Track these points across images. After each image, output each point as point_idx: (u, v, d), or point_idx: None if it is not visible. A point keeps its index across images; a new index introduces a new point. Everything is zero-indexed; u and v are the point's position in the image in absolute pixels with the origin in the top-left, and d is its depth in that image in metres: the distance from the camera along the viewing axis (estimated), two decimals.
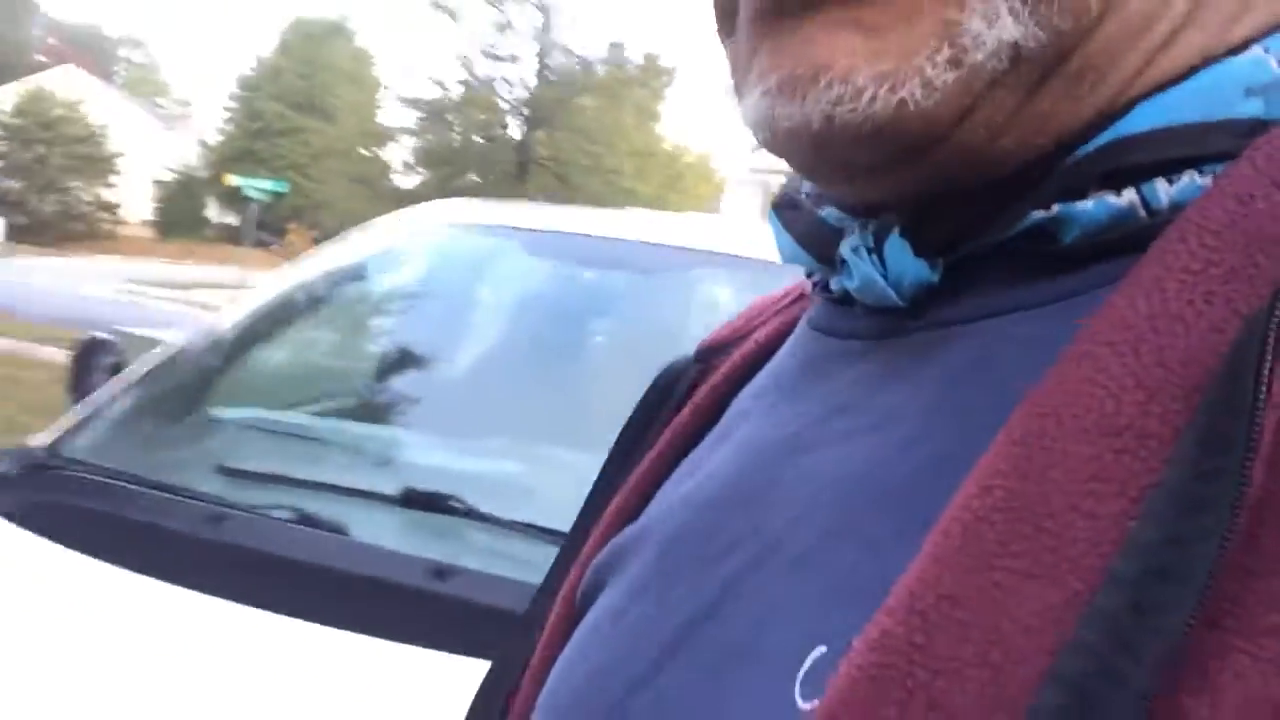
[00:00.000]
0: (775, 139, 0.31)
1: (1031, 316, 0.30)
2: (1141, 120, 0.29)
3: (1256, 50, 0.29)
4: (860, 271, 0.33)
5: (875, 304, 0.34)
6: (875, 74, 0.28)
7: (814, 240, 0.36)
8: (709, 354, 0.48)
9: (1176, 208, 0.28)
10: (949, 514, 0.25)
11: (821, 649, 0.27)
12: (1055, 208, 0.29)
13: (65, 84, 29.48)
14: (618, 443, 0.48)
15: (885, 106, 0.28)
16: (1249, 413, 0.22)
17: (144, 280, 16.40)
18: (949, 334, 0.31)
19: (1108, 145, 0.29)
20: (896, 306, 0.33)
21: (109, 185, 28.62)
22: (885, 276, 0.33)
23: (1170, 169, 0.29)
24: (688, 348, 0.49)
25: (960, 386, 0.30)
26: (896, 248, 0.32)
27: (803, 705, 0.27)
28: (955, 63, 0.28)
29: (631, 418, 0.49)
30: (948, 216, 0.32)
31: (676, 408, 0.46)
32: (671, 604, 0.34)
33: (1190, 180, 0.28)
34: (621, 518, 0.42)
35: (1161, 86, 0.29)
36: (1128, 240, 0.28)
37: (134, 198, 29.36)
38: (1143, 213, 0.29)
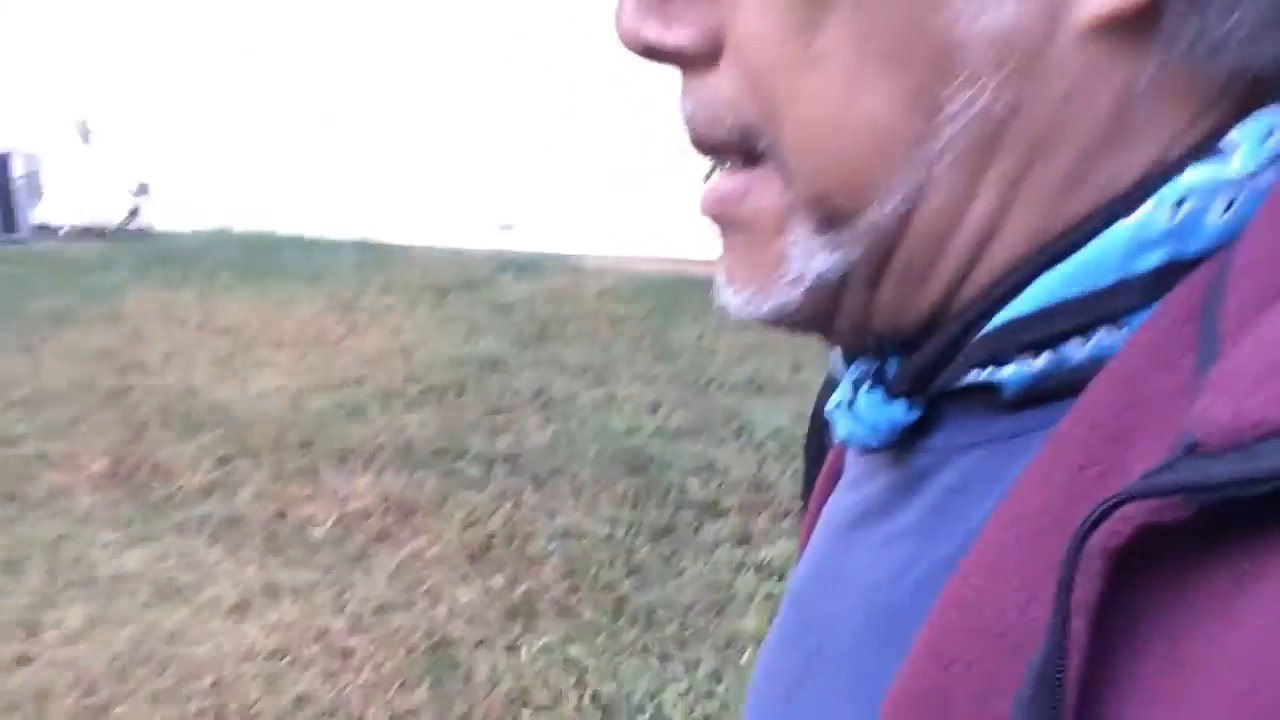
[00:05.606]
0: None
1: (994, 451, 0.35)
2: (1032, 300, 0.33)
3: (1146, 206, 0.31)
4: (842, 425, 0.39)
5: (862, 447, 0.40)
6: (750, 291, 0.38)
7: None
8: None
9: (1097, 361, 0.32)
10: (891, 694, 0.31)
11: None
12: (989, 370, 0.34)
13: None
14: (808, 440, 0.55)
15: (761, 312, 0.38)
16: (1058, 672, 0.25)
17: None
18: (945, 458, 0.37)
19: (1009, 323, 0.33)
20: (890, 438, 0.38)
21: None
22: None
23: (1086, 329, 0.32)
24: None
25: (944, 511, 0.36)
26: (867, 402, 0.38)
27: None
28: (796, 283, 0.36)
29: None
30: (906, 366, 0.37)
31: None
32: (780, 670, 0.43)
33: (1106, 336, 0.32)
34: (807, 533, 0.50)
35: (1042, 261, 0.33)
36: (1062, 387, 0.33)
37: None
38: (1065, 367, 0.33)
